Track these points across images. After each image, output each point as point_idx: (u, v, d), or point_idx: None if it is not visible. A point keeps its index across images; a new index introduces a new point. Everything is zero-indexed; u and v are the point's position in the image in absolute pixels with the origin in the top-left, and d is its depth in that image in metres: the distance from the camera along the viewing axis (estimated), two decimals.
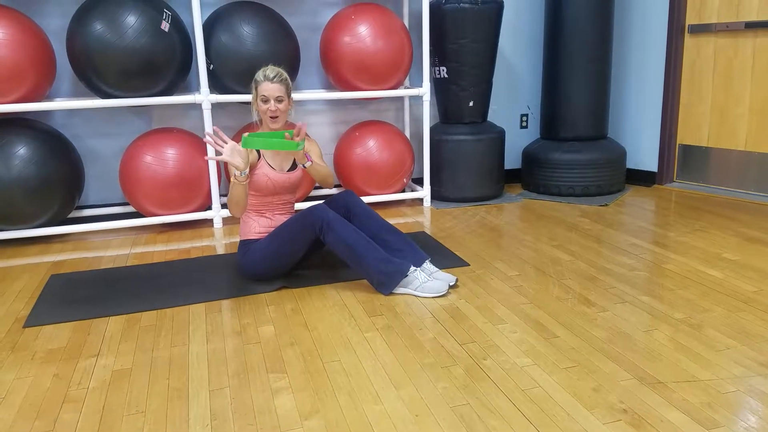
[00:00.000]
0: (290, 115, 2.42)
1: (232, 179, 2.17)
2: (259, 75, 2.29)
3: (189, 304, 2.21)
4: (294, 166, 2.42)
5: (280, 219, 2.41)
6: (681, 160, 3.94)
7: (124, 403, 1.58)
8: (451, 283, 2.29)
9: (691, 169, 3.89)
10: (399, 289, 2.24)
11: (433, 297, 2.21)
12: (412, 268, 2.25)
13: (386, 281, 2.23)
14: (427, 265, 2.33)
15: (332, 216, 2.23)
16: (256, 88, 2.30)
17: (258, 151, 2.32)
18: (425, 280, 2.23)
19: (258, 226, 2.38)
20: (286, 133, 2.25)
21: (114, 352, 1.86)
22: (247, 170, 2.16)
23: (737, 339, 1.83)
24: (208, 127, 3.11)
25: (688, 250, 2.67)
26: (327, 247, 2.43)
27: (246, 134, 2.16)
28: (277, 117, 2.31)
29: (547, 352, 1.78)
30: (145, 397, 1.60)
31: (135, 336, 1.96)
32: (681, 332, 1.89)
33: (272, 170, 2.34)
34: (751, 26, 3.40)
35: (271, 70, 2.28)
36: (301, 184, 2.44)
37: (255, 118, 2.38)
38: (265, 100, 2.28)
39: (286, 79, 2.31)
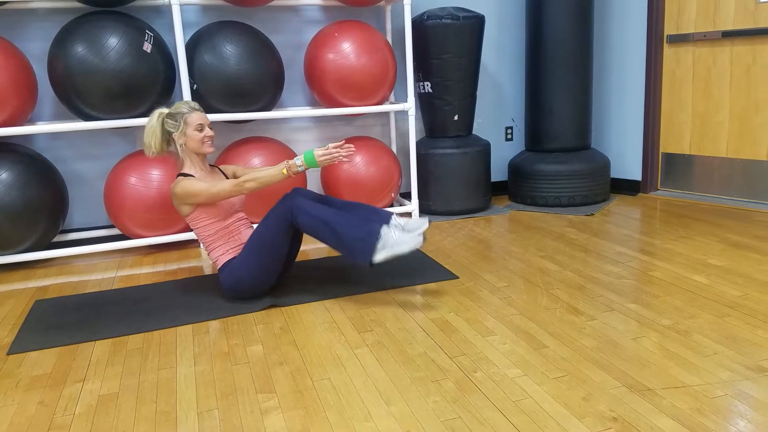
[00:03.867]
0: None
1: (284, 171, 2.28)
2: (183, 108, 2.39)
3: (176, 326, 2.19)
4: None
5: (247, 233, 2.43)
6: (664, 169, 3.98)
7: (111, 428, 1.55)
8: (425, 227, 2.26)
9: (674, 177, 3.94)
10: (379, 255, 2.19)
11: (411, 249, 2.17)
12: (384, 227, 2.23)
13: (363, 247, 2.19)
14: (395, 220, 2.31)
15: (299, 198, 2.27)
16: (185, 121, 2.37)
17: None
18: (399, 235, 2.21)
19: (230, 250, 2.38)
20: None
21: (100, 376, 1.83)
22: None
23: (724, 344, 1.84)
24: None
25: (674, 257, 2.69)
26: (305, 246, 2.42)
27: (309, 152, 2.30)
28: (212, 141, 2.44)
29: (536, 363, 1.78)
30: (133, 421, 1.58)
31: (122, 360, 1.94)
32: (669, 339, 1.90)
33: None
34: (728, 35, 3.47)
35: (192, 102, 2.44)
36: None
37: (181, 153, 2.43)
38: (202, 128, 2.40)
39: None
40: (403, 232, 2.23)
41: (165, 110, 2.41)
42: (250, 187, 2.27)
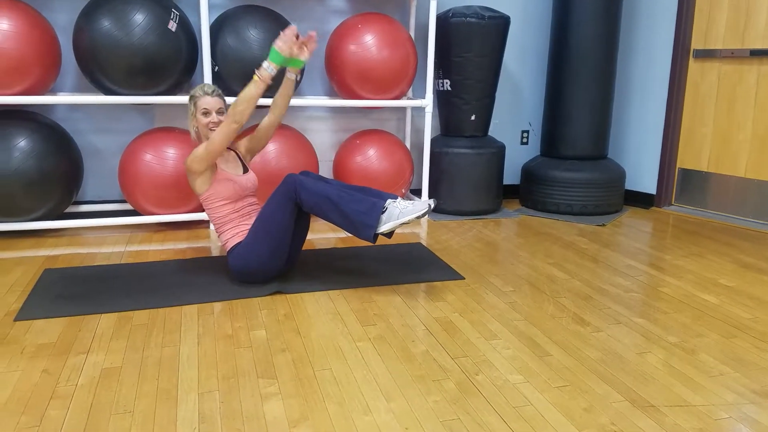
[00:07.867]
0: None
1: (255, 77, 2.24)
2: (197, 91, 2.40)
3: (182, 304, 2.20)
4: (246, 169, 2.52)
5: None
6: (680, 184, 3.95)
7: (112, 401, 1.56)
8: (431, 203, 2.25)
9: (689, 193, 3.90)
10: (384, 227, 2.20)
11: (417, 217, 2.17)
12: (388, 200, 2.23)
13: (367, 220, 2.19)
14: (398, 201, 2.27)
15: (302, 177, 2.28)
16: (195, 104, 2.39)
17: (216, 164, 2.39)
18: (404, 206, 2.20)
19: (240, 233, 2.39)
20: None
21: (104, 349, 1.84)
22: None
23: (731, 365, 1.83)
24: None
25: (684, 274, 2.67)
26: (310, 221, 2.48)
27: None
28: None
29: (539, 370, 1.77)
30: (134, 396, 1.59)
31: (126, 334, 1.95)
32: (674, 356, 1.88)
33: (232, 173, 2.42)
34: (756, 54, 3.42)
35: (208, 86, 2.41)
36: (258, 185, 2.56)
37: (192, 134, 2.46)
38: (207, 113, 2.39)
39: (222, 94, 2.44)
40: (408, 204, 2.23)
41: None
42: (236, 111, 2.23)
